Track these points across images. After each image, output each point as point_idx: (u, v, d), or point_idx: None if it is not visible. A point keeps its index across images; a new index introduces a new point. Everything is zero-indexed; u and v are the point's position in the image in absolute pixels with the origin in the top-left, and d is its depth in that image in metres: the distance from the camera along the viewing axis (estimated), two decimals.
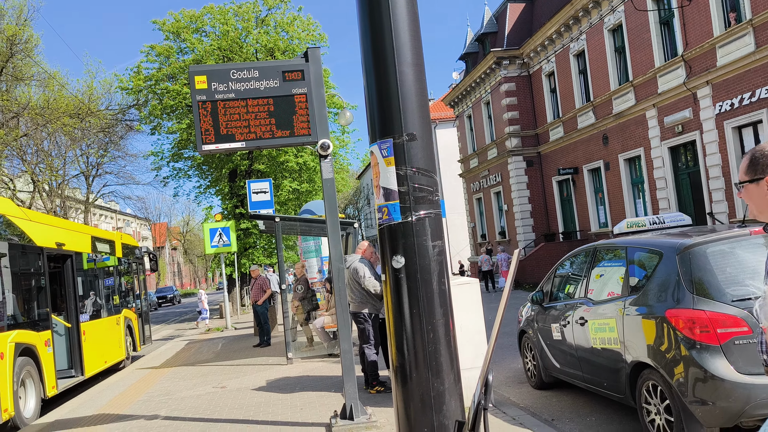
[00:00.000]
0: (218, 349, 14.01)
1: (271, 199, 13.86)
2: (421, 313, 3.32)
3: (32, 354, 8.46)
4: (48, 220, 10.61)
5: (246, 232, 24.09)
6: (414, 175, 3.40)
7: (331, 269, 13.05)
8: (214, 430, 6.29)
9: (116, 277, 13.63)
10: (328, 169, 5.96)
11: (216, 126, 5.81)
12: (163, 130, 25.26)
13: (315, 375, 8.90)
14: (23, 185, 31.59)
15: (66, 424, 7.57)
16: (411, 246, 3.37)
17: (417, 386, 3.29)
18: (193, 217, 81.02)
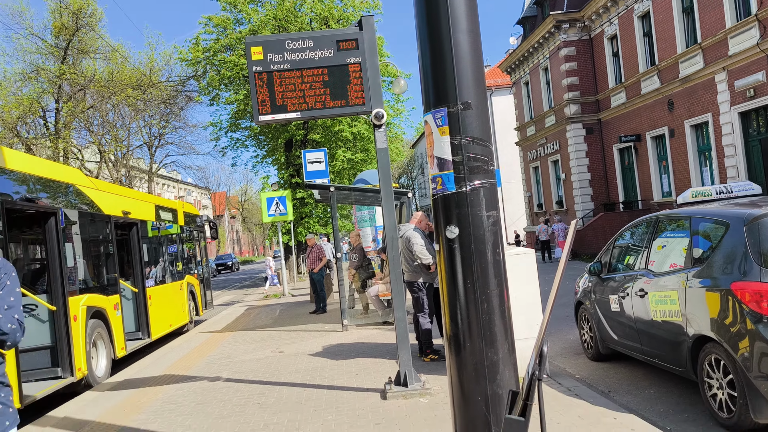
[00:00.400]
0: (276, 315, 14.39)
1: (326, 169, 13.97)
2: (475, 284, 3.31)
3: (102, 317, 8.91)
4: (115, 189, 11.03)
5: (302, 201, 24.45)
6: (468, 144, 3.36)
7: (385, 238, 13.16)
8: (273, 392, 6.51)
9: (179, 245, 14.12)
10: (382, 139, 5.96)
11: (272, 97, 5.88)
12: (221, 101, 25.70)
13: (369, 342, 9.04)
14: (90, 156, 32.89)
15: (135, 383, 7.97)
16: (465, 216, 3.35)
17: (470, 356, 3.30)
18: (251, 186, 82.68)
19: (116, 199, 10.43)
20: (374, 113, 5.84)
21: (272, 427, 5.26)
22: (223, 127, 26.57)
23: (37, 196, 7.66)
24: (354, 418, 5.26)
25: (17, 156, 7.61)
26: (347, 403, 5.78)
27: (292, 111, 5.89)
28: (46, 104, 25.82)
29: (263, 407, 5.95)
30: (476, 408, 3.25)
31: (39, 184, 7.78)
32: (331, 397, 6.07)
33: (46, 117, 26.42)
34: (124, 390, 7.59)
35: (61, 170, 8.81)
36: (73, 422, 6.25)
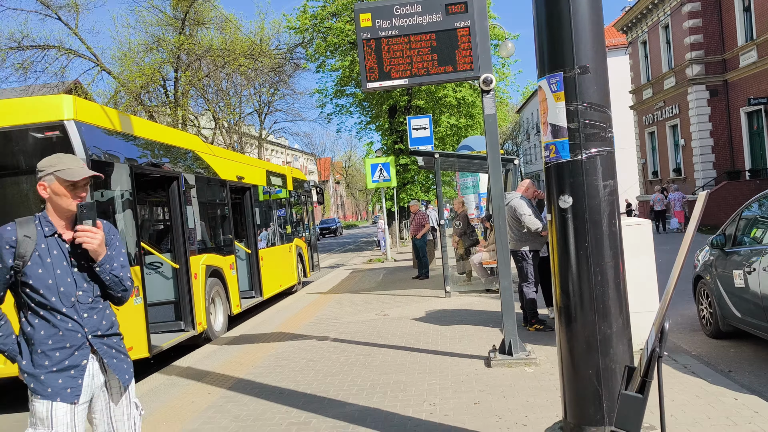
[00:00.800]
0: (379, 279, 14.70)
1: (430, 135, 13.93)
2: (589, 255, 3.21)
3: (219, 276, 9.48)
4: (229, 155, 11.59)
5: (405, 168, 24.56)
6: (585, 110, 3.22)
7: (489, 206, 12.98)
8: (378, 354, 6.69)
9: (288, 209, 14.68)
10: (490, 105, 5.84)
11: (380, 63, 5.90)
12: (326, 68, 26.14)
13: (472, 309, 9.04)
14: (205, 122, 34.66)
15: (249, 338, 8.47)
16: (580, 185, 3.23)
17: (582, 328, 3.23)
18: (355, 152, 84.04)
19: (231, 164, 10.96)
20: (483, 78, 5.72)
21: (378, 387, 5.42)
22: (328, 93, 27.07)
23: (161, 161, 8.19)
24: (458, 383, 5.31)
25: (143, 124, 8.14)
26: (450, 368, 5.84)
27: (399, 78, 5.89)
28: (166, 74, 27.34)
29: (369, 367, 6.14)
30: (587, 381, 3.19)
31: (162, 150, 8.31)
32: (434, 361, 6.16)
33: (166, 86, 28.02)
34: (239, 345, 8.08)
35: (182, 137, 9.36)
36: (196, 372, 6.75)
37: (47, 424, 2.52)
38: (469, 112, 24.61)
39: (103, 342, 2.67)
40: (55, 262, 2.59)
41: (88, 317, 2.64)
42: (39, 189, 2.65)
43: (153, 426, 4.96)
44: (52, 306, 2.55)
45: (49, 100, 6.44)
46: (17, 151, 6.21)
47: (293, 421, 4.72)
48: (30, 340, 2.57)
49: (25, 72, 24.70)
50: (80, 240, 2.60)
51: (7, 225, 2.61)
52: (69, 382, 2.56)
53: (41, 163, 2.67)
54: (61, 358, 2.55)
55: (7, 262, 2.54)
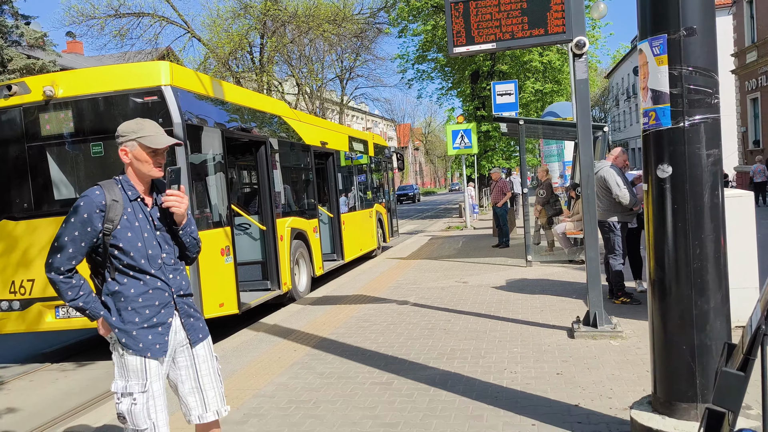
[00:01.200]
0: (459, 246, 14.67)
1: (515, 101, 13.60)
2: (687, 228, 3.08)
3: (304, 238, 9.75)
4: (314, 120, 11.78)
5: (486, 135, 24.15)
6: (690, 75, 3.06)
7: (573, 175, 12.61)
8: (458, 320, 6.73)
9: (368, 174, 14.82)
10: (582, 69, 5.63)
11: (467, 28, 5.78)
12: (408, 32, 25.86)
13: (554, 279, 8.90)
14: (289, 88, 35.26)
15: (332, 300, 8.71)
16: (680, 154, 3.09)
17: (676, 303, 3.12)
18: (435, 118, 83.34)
19: (315, 130, 11.14)
20: (575, 42, 5.51)
21: (459, 352, 5.47)
22: (409, 59, 26.81)
23: (249, 126, 8.44)
24: (539, 353, 5.28)
25: (233, 89, 8.39)
26: (532, 337, 5.80)
27: (487, 42, 5.76)
28: (252, 40, 27.94)
29: (449, 333, 6.19)
30: (680, 357, 3.09)
31: (251, 115, 8.55)
32: (515, 330, 6.13)
33: (252, 52, 28.66)
34: (322, 305, 8.33)
35: (269, 102, 9.58)
36: (281, 329, 7.03)
37: (141, 377, 2.65)
38: (555, 77, 23.78)
39: (184, 301, 2.80)
40: (141, 225, 2.67)
41: (173, 277, 2.75)
42: (120, 154, 2.71)
43: (245, 378, 5.23)
44: (141, 267, 2.65)
45: (147, 67, 6.74)
46: (117, 115, 6.56)
47: (375, 381, 4.85)
48: (119, 297, 2.65)
49: (122, 39, 25.90)
50: (168, 204, 2.69)
51: (95, 188, 2.65)
52: (157, 338, 2.68)
53: (123, 128, 2.73)
54: (150, 315, 2.66)
55: (97, 225, 2.60)
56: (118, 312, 2.66)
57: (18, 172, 6.75)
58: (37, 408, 5.50)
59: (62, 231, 2.62)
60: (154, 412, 2.67)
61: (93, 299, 2.67)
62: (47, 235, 6.59)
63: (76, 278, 2.65)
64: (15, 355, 7.73)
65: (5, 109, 6.70)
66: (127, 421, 2.67)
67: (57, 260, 2.60)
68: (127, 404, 2.65)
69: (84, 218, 2.59)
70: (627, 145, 55.64)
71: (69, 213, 2.63)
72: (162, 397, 2.71)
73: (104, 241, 2.63)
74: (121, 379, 2.69)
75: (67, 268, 2.61)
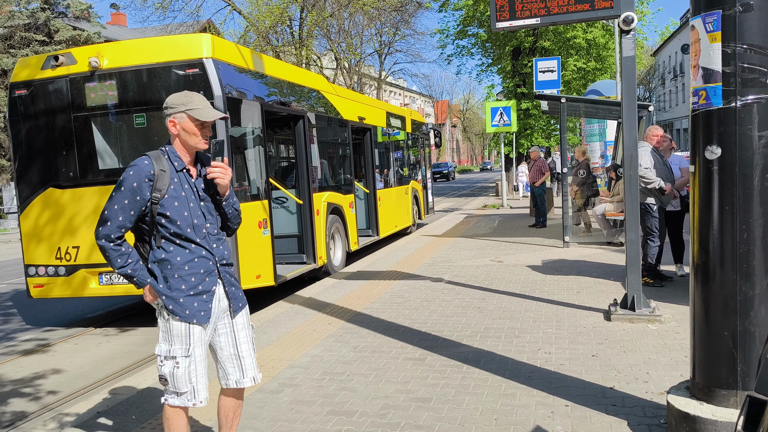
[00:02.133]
0: (494, 225, 14.57)
1: (558, 79, 13.33)
2: (735, 211, 2.99)
3: (339, 213, 9.81)
4: (351, 95, 11.75)
5: (526, 113, 23.79)
6: (744, 53, 2.94)
7: (615, 155, 12.33)
8: (493, 299, 6.71)
9: (405, 151, 14.76)
10: (629, 46, 5.47)
11: (511, 2, 5.66)
12: (449, 6, 25.48)
13: (591, 261, 8.78)
14: (327, 63, 35.22)
15: (366, 275, 8.77)
16: (730, 135, 2.99)
17: (720, 287, 3.04)
18: (473, 95, 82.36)
19: (353, 105, 11.12)
20: (623, 17, 5.34)
21: (492, 331, 5.46)
22: (450, 34, 26.48)
23: (288, 100, 8.47)
24: (575, 334, 5.23)
25: (273, 63, 8.41)
26: (567, 318, 5.75)
27: (531, 17, 5.63)
28: (293, 14, 27.92)
29: (483, 312, 6.18)
30: (721, 343, 3.03)
31: (290, 89, 8.57)
32: (550, 310, 6.09)
33: (292, 26, 28.65)
34: (357, 280, 8.39)
35: (308, 76, 9.59)
36: (317, 303, 7.12)
37: (185, 342, 2.74)
38: (599, 54, 23.21)
39: (226, 270, 2.89)
40: (187, 195, 2.75)
41: (216, 247, 2.84)
42: (168, 125, 2.76)
43: (281, 348, 5.33)
44: (186, 236, 2.73)
45: (189, 39, 6.80)
46: (160, 86, 6.65)
47: (409, 357, 4.88)
48: (166, 264, 2.73)
49: (164, 11, 26.19)
50: (213, 175, 2.76)
51: (143, 158, 2.72)
52: (202, 305, 2.77)
53: (171, 100, 2.77)
54: (195, 283, 2.75)
55: (146, 194, 2.67)
56: (164, 279, 2.75)
57: (64, 142, 6.92)
58: (82, 370, 5.71)
59: (112, 200, 2.69)
60: (194, 376, 2.77)
61: (140, 267, 2.75)
62: (92, 204, 6.78)
63: (125, 246, 2.73)
64: (61, 319, 8.02)
65: (52, 79, 6.86)
66: (169, 384, 2.77)
67: (107, 228, 2.68)
68: (169, 367, 2.75)
69: (133, 187, 2.66)
70: (672, 126, 54.16)
71: (118, 182, 2.70)
72: (203, 363, 2.81)
73: (152, 210, 2.70)
74: (165, 343, 2.78)
75: (116, 236, 2.69)
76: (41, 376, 5.58)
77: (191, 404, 2.78)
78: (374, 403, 3.97)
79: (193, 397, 2.77)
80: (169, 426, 2.84)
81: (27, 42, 24.29)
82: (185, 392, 2.76)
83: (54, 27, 24.84)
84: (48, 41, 24.54)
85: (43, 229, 6.96)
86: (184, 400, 2.77)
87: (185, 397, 2.77)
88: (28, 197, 7.04)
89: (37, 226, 6.99)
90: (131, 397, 4.38)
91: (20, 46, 24.26)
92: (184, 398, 2.77)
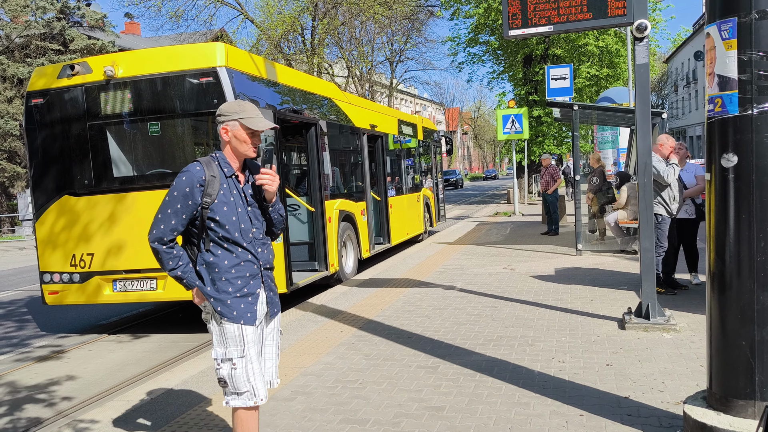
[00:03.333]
0: (506, 232, 14.52)
1: (570, 86, 13.29)
2: (752, 220, 2.96)
3: (351, 221, 9.82)
4: (363, 103, 11.78)
5: (538, 120, 23.73)
6: (761, 60, 2.92)
7: (628, 162, 12.27)
8: (505, 307, 6.68)
9: (417, 158, 14.77)
10: (642, 54, 5.45)
11: (524, 9, 5.66)
12: (460, 14, 25.53)
13: (605, 269, 8.72)
14: (339, 71, 35.37)
15: (377, 282, 8.76)
16: (747, 143, 2.97)
17: (737, 296, 3.02)
18: (484, 102, 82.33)
19: (365, 112, 11.15)
20: (636, 25, 5.33)
21: (505, 339, 5.43)
22: (461, 42, 26.50)
23: (300, 108, 8.51)
24: (589, 343, 5.20)
25: (285, 71, 8.46)
26: (581, 327, 5.71)
27: (544, 24, 5.63)
28: (304, 22, 28.10)
29: (496, 320, 6.16)
30: (738, 352, 3.00)
31: (302, 97, 8.61)
32: (563, 319, 6.05)
33: (304, 34, 28.82)
34: (368, 288, 8.39)
35: (320, 84, 9.63)
36: (329, 310, 7.12)
37: (239, 342, 2.82)
38: (611, 61, 23.13)
39: (268, 275, 2.98)
40: (235, 200, 2.84)
41: (261, 251, 2.92)
42: (221, 132, 2.84)
43: (294, 356, 5.33)
44: (234, 240, 2.81)
45: (203, 48, 6.86)
46: (173, 95, 6.71)
47: (421, 365, 4.87)
48: (213, 268, 2.81)
49: (178, 20, 26.44)
50: (262, 182, 2.83)
51: (195, 164, 2.82)
52: (248, 307, 2.85)
53: (225, 108, 2.85)
54: (241, 285, 2.83)
55: (197, 199, 2.76)
56: (212, 282, 2.83)
57: (79, 150, 6.99)
58: (96, 377, 5.75)
59: (165, 204, 2.79)
60: (252, 376, 2.85)
61: (190, 269, 2.84)
62: (106, 211, 6.83)
63: (177, 249, 2.82)
64: (75, 325, 8.07)
65: (68, 88, 6.94)
66: (228, 385, 2.86)
67: (160, 231, 2.77)
68: (227, 369, 2.83)
69: (186, 192, 2.76)
70: (685, 133, 53.84)
71: (171, 187, 2.80)
72: (258, 362, 2.89)
73: (202, 214, 2.80)
74: (220, 346, 2.86)
75: (169, 239, 2.79)
76: (56, 383, 5.62)
77: (252, 403, 2.85)
78: (387, 412, 3.96)
79: (253, 395, 2.85)
80: (243, 428, 2.90)
81: (43, 51, 24.61)
82: (245, 392, 2.84)
83: (69, 36, 25.15)
84: (63, 50, 24.85)
85: (59, 236, 7.03)
86: (245, 399, 2.85)
87: (246, 397, 2.84)
88: (44, 204, 7.12)
89: (52, 233, 7.05)
90: (145, 404, 4.40)
91: (36, 55, 24.57)
92: (245, 398, 2.85)
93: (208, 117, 6.69)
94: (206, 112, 6.65)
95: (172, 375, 5.07)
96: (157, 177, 6.85)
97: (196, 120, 6.84)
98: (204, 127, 6.87)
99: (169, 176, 6.77)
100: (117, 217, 6.82)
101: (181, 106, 6.74)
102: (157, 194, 6.70)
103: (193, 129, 6.91)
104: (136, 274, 6.79)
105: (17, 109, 23.72)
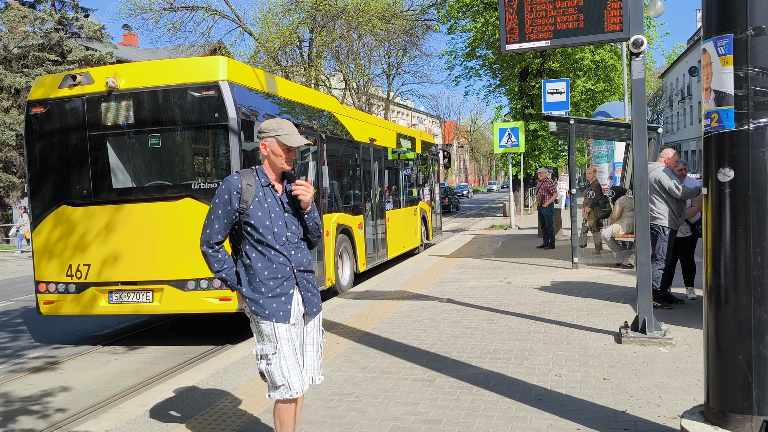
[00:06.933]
0: (502, 246, 14.54)
1: (566, 100, 13.38)
2: (748, 234, 2.98)
3: (348, 234, 9.82)
4: (362, 116, 11.82)
5: (534, 134, 23.85)
6: (756, 76, 2.95)
7: (624, 176, 12.32)
8: (502, 320, 6.67)
9: (415, 172, 14.80)
10: (639, 69, 5.50)
11: (521, 24, 5.72)
12: (457, 29, 25.72)
13: (601, 282, 8.73)
14: (336, 83, 35.50)
15: (374, 295, 8.75)
16: (743, 158, 2.99)
17: (734, 311, 3.03)
18: (481, 116, 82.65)
19: (364, 126, 11.19)
20: (632, 40, 5.39)
21: (502, 353, 5.43)
22: (458, 55, 26.70)
23: (300, 121, 8.53)
24: (585, 356, 5.19)
25: (286, 84, 8.49)
26: (578, 340, 5.71)
27: (541, 39, 5.68)
28: (302, 34, 28.25)
29: (492, 333, 6.15)
30: (735, 367, 3.00)
31: (302, 110, 8.65)
32: (560, 332, 6.05)
33: (302, 46, 28.97)
34: (365, 300, 8.37)
35: (320, 98, 9.67)
36: (325, 322, 7.01)
37: (273, 340, 3.06)
38: (607, 75, 23.31)
39: (304, 276, 3.18)
40: (270, 207, 3.09)
41: (295, 254, 3.14)
42: (260, 148, 3.12)
43: None
44: (267, 243, 3.06)
45: (205, 62, 6.89)
46: (175, 107, 6.73)
47: (418, 378, 4.86)
48: (249, 270, 3.09)
49: (176, 32, 26.56)
50: (297, 192, 3.09)
51: (234, 174, 3.12)
52: (281, 306, 3.08)
53: (265, 126, 3.12)
54: (274, 286, 3.07)
55: (234, 204, 3.05)
56: (248, 283, 3.10)
57: (79, 160, 6.99)
58: (90, 388, 5.71)
59: (211, 210, 3.11)
60: (286, 371, 3.06)
61: (233, 272, 3.15)
62: (104, 222, 6.82)
63: (222, 253, 3.13)
64: (69, 336, 8.03)
65: (69, 98, 6.95)
66: (267, 379, 3.12)
67: (206, 235, 3.10)
68: (264, 365, 3.09)
69: (225, 199, 3.07)
70: (680, 148, 54.12)
71: (214, 195, 3.12)
72: (293, 358, 3.09)
73: (240, 219, 3.09)
74: (259, 344, 3.12)
75: (215, 241, 3.09)
76: (50, 394, 5.58)
77: (288, 395, 3.08)
78: (383, 425, 3.94)
79: (289, 389, 3.06)
80: (279, 417, 3.17)
81: (40, 62, 24.64)
82: (281, 385, 3.06)
83: (67, 47, 25.19)
84: (61, 61, 24.88)
85: (55, 246, 7.00)
86: (282, 392, 3.08)
87: (282, 390, 3.07)
88: (41, 214, 7.10)
89: (49, 242, 7.03)
90: (139, 416, 4.37)
91: (33, 65, 24.59)
92: (282, 391, 3.07)
93: (208, 130, 6.71)
94: (207, 126, 6.67)
95: (167, 386, 5.04)
96: (156, 189, 6.85)
97: (197, 133, 6.85)
98: (204, 139, 6.88)
99: (168, 188, 6.78)
100: (114, 228, 6.80)
101: (183, 119, 6.75)
102: (155, 206, 6.70)
103: (193, 141, 6.92)
104: (132, 286, 6.76)
105: (14, 119, 23.71)
